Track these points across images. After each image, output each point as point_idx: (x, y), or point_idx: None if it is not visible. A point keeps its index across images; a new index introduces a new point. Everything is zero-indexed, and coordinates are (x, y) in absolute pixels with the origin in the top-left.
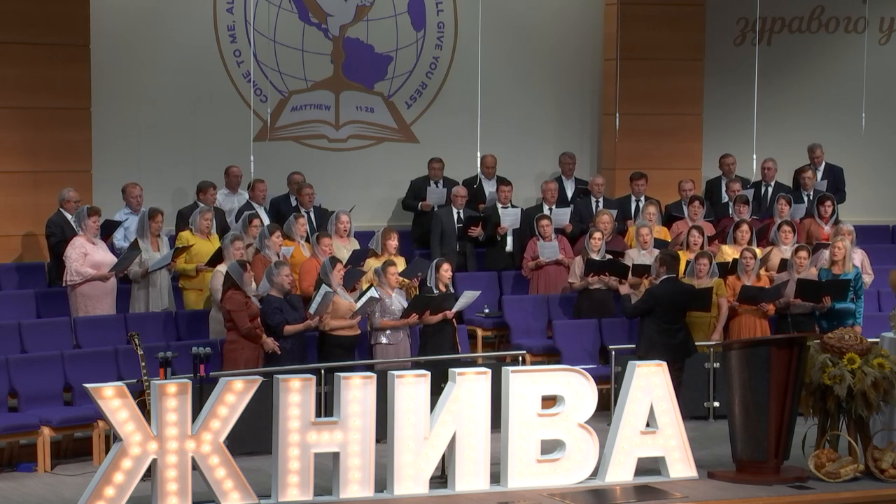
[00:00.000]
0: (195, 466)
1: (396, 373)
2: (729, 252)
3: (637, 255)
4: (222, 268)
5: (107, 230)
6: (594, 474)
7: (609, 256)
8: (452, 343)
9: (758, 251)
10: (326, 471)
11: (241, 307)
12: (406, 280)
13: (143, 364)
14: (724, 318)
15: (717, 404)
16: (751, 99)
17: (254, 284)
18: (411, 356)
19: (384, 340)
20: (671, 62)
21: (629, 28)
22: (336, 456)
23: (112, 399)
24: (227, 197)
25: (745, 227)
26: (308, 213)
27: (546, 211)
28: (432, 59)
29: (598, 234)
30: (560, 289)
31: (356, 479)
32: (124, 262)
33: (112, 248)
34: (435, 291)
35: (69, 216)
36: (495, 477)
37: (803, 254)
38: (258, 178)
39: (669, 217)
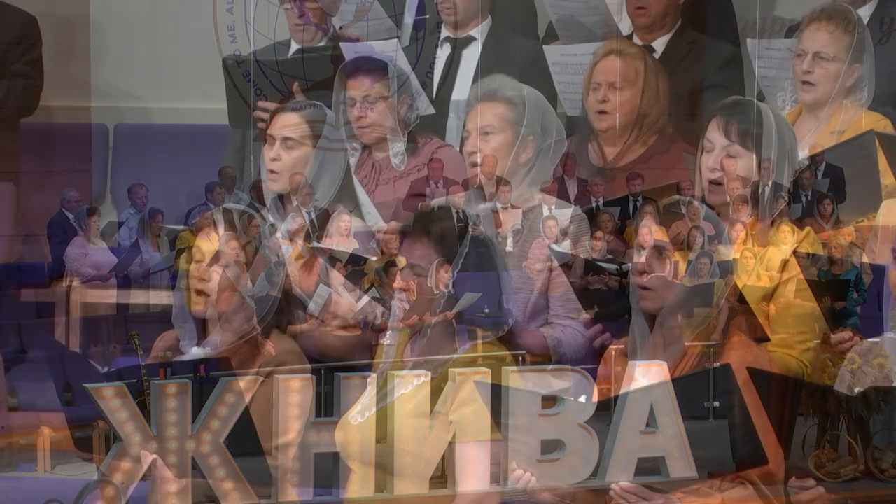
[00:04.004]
0: (195, 466)
1: (396, 373)
2: (724, 252)
3: (637, 255)
4: (217, 268)
5: (111, 231)
6: (594, 474)
7: (609, 256)
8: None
9: (756, 251)
10: (326, 471)
11: (237, 308)
12: (404, 283)
13: (143, 364)
14: (725, 318)
15: (717, 404)
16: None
17: (249, 284)
18: (412, 357)
19: (387, 342)
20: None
21: None
22: (336, 456)
23: (112, 399)
24: (224, 198)
25: (738, 226)
26: (308, 213)
27: (546, 211)
28: (432, 59)
29: (598, 234)
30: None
31: (356, 480)
32: (125, 262)
33: (116, 247)
34: (435, 293)
35: (70, 216)
36: (495, 477)
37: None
38: (258, 178)
39: (669, 217)
